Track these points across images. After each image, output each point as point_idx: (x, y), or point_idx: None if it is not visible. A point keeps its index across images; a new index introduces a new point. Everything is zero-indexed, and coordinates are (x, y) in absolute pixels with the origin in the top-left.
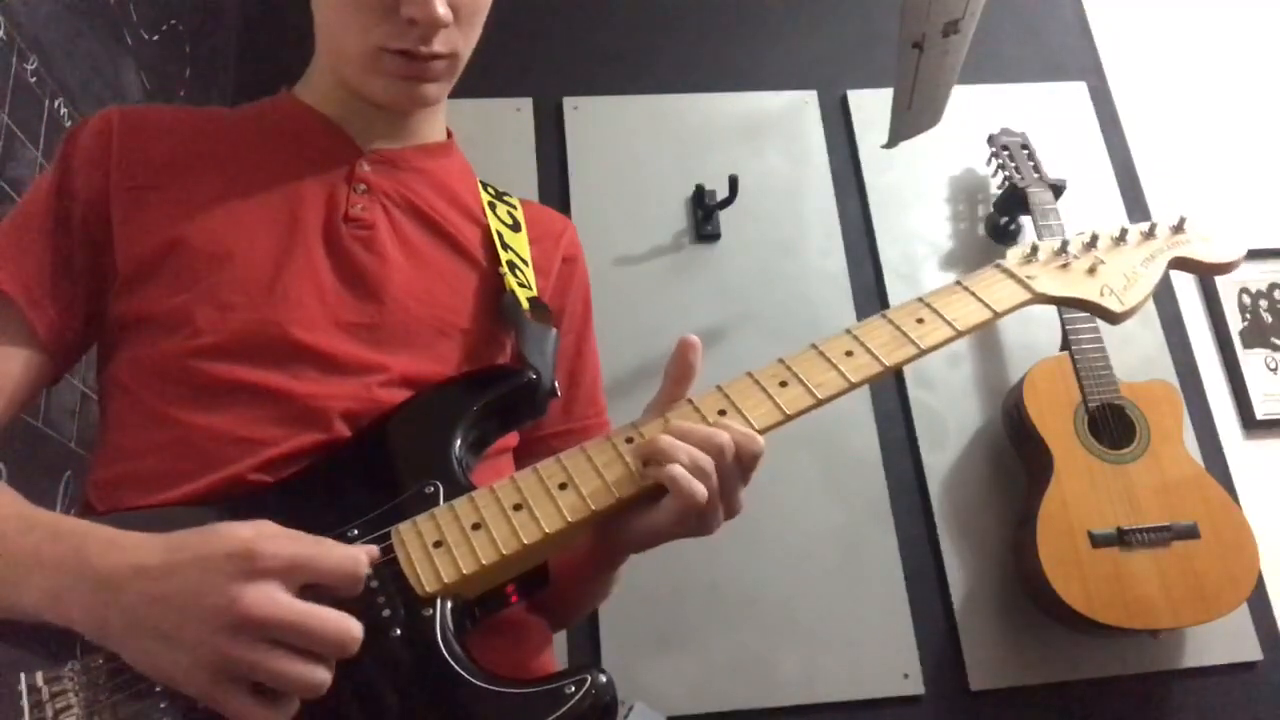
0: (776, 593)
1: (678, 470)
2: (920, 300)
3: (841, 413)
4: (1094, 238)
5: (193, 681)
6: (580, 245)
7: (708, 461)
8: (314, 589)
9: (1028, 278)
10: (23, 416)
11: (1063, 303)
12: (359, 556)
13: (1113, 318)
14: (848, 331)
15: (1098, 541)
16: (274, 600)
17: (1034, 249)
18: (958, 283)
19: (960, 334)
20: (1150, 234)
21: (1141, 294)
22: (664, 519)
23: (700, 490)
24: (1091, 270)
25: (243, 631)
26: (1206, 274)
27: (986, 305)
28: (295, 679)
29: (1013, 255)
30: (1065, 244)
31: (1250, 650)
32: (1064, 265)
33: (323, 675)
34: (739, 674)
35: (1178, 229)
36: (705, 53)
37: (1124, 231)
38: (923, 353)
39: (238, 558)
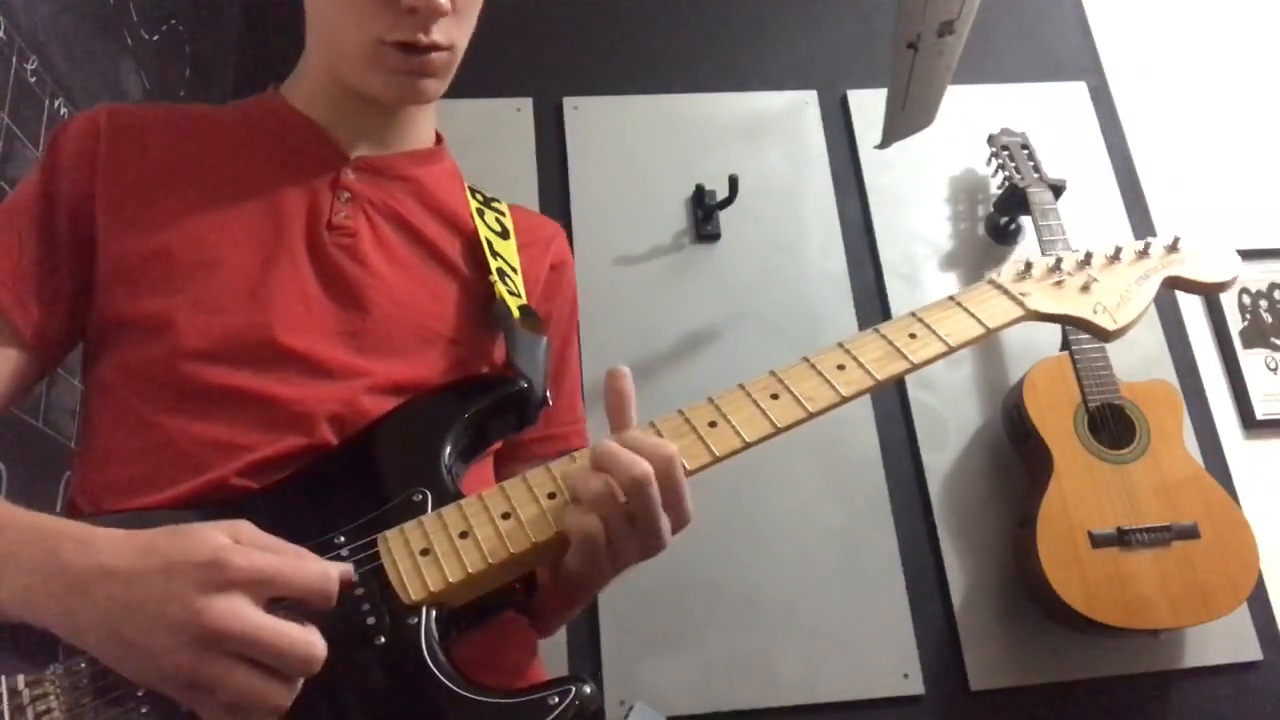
0: (776, 593)
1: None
2: (913, 315)
3: (841, 413)
4: (1088, 255)
5: (165, 688)
6: (569, 252)
7: (604, 491)
8: (285, 603)
9: (1021, 294)
10: (23, 417)
11: (1055, 320)
12: (330, 573)
13: (1105, 335)
14: (840, 345)
15: (1098, 541)
16: (238, 614)
17: (1028, 265)
18: (951, 298)
19: (952, 349)
20: (1145, 253)
21: (1134, 312)
22: (572, 563)
23: (595, 527)
24: (1085, 288)
25: (206, 645)
26: (1200, 293)
27: (979, 321)
28: (255, 697)
29: (1006, 271)
30: (1059, 261)
31: (1250, 650)
32: (1058, 282)
33: (283, 694)
34: (739, 674)
35: (1172, 248)
36: (705, 53)
37: (1118, 250)
38: (915, 367)
39: (205, 567)
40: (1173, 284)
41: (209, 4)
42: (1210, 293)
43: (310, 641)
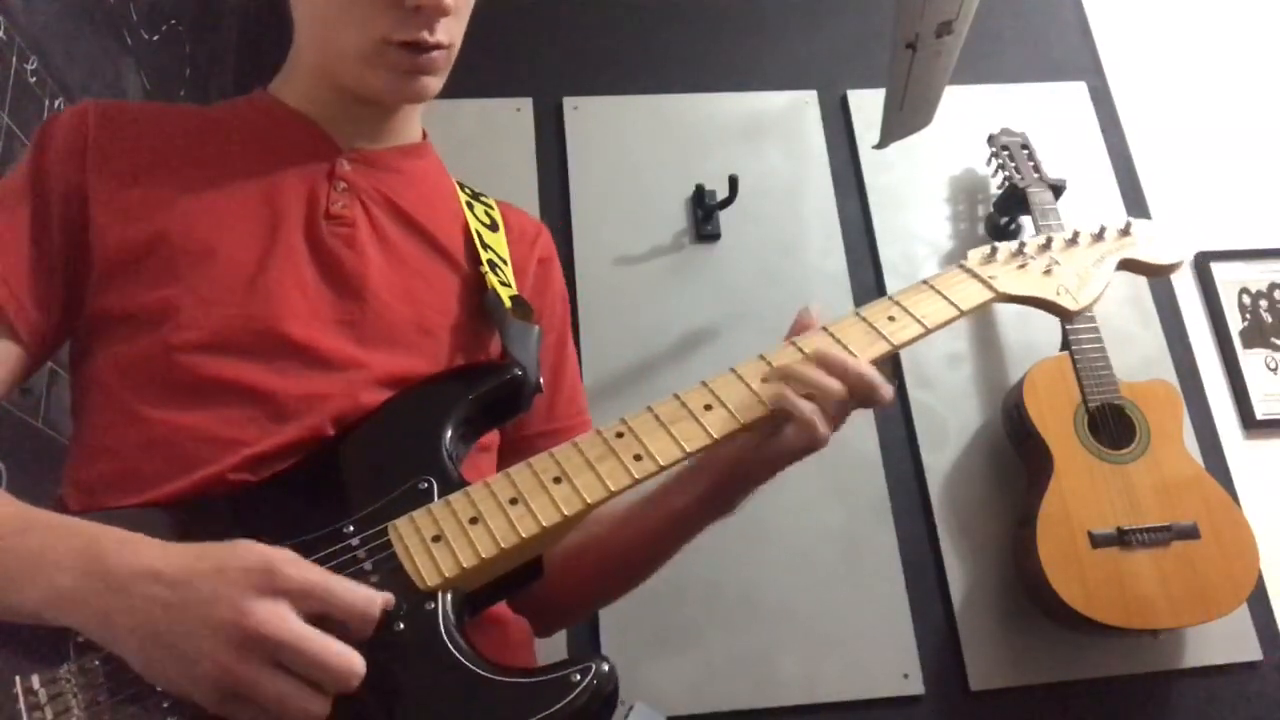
0: (776, 593)
1: (805, 405)
2: (890, 299)
3: None
4: (1048, 240)
5: (196, 691)
6: (554, 249)
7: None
8: (325, 622)
9: (989, 277)
10: (23, 416)
11: (1022, 301)
12: (375, 598)
13: (1068, 315)
14: (824, 329)
15: (1098, 541)
16: (284, 620)
17: (993, 250)
18: (924, 282)
19: (929, 331)
20: (1100, 236)
21: (1094, 293)
22: (786, 446)
23: (824, 430)
24: (1047, 271)
25: (248, 647)
26: (1152, 275)
27: (952, 304)
28: (291, 707)
29: (974, 256)
30: (1022, 246)
31: (1250, 650)
32: (1022, 266)
33: (320, 708)
34: (739, 674)
35: (1124, 232)
36: (705, 53)
37: (1076, 234)
38: (895, 349)
39: (255, 573)
40: (1127, 266)
41: (209, 4)
42: (1160, 274)
43: (352, 658)
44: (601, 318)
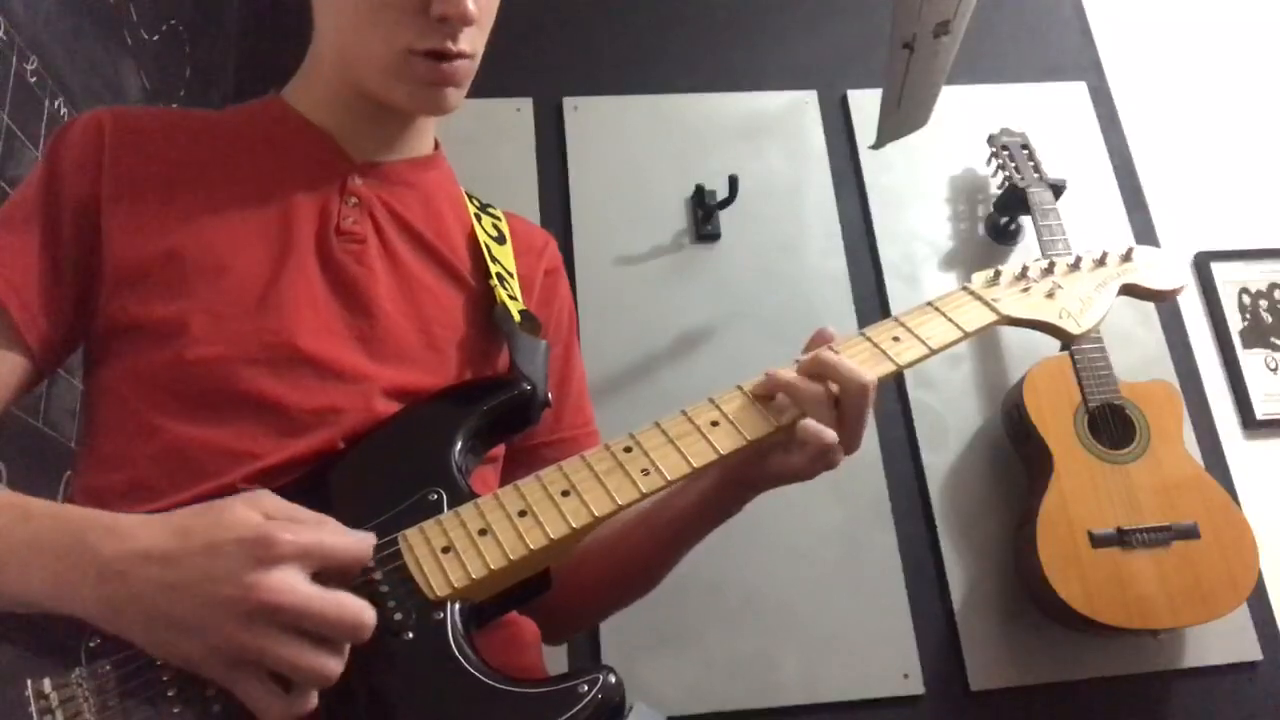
0: (776, 593)
1: (811, 424)
2: (895, 319)
3: None
4: (1051, 264)
5: (209, 668)
6: (561, 259)
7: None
8: (321, 574)
9: (993, 300)
10: (23, 417)
11: (1026, 324)
12: (366, 541)
13: (1070, 339)
14: (828, 347)
15: (1098, 541)
16: (291, 588)
17: (996, 274)
18: (929, 303)
19: (933, 352)
20: (1101, 262)
21: (1096, 317)
22: (797, 463)
23: (831, 436)
24: (1050, 294)
25: (258, 619)
26: (1153, 300)
27: (957, 325)
28: (307, 668)
29: (978, 279)
30: (1025, 269)
31: (1250, 650)
32: (1025, 289)
33: (335, 664)
34: (739, 674)
35: (1126, 258)
36: (705, 53)
37: (1078, 259)
38: (900, 369)
39: (253, 544)
40: (1128, 291)
41: (209, 4)
42: (1160, 300)
43: (360, 607)
44: (601, 318)
